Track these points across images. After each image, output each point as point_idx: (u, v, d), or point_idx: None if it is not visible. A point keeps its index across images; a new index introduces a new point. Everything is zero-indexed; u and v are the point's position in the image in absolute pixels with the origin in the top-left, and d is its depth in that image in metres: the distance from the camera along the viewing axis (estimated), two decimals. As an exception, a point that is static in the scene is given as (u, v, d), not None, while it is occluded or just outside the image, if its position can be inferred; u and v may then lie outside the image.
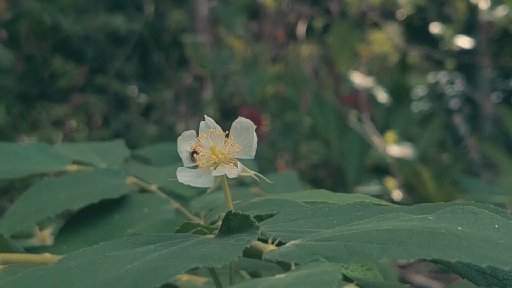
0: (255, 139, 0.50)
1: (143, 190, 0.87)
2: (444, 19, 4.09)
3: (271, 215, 0.58)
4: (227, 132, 0.52)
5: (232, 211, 0.51)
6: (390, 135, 3.19)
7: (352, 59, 3.65)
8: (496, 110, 3.74)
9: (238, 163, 0.51)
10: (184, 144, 0.52)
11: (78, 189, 0.80)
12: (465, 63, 4.14)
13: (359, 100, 3.42)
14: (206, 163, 0.51)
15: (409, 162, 3.21)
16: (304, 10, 3.61)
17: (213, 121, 0.53)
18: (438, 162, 4.00)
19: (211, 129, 0.52)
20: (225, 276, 0.75)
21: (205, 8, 3.74)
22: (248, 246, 0.47)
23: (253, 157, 0.50)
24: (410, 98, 4.06)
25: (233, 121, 0.53)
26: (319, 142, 3.50)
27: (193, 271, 0.66)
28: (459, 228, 0.44)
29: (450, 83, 4.73)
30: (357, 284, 0.44)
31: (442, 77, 4.75)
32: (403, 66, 4.43)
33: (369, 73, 3.82)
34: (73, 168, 0.86)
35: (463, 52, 3.80)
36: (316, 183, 3.44)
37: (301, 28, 3.64)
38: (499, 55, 4.30)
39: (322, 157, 3.52)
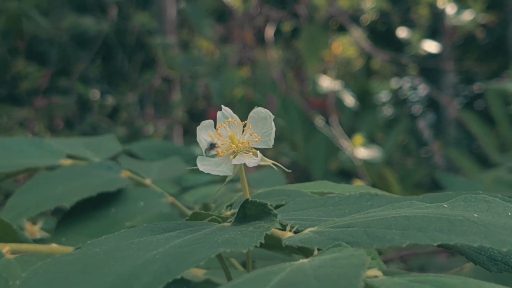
0: (274, 128, 0.51)
1: (137, 184, 0.88)
2: (408, 25, 4.14)
3: (280, 205, 0.59)
4: (245, 122, 0.53)
5: (249, 200, 0.53)
6: (358, 138, 3.22)
7: (320, 63, 3.67)
8: (459, 115, 3.81)
9: (258, 152, 0.52)
10: (203, 134, 0.53)
11: (74, 182, 0.80)
12: (429, 68, 4.20)
13: (326, 103, 3.45)
14: (226, 152, 0.52)
15: (375, 165, 3.24)
16: (272, 13, 3.63)
17: (230, 110, 0.54)
18: (402, 165, 4.05)
19: (229, 119, 0.53)
20: (219, 270, 0.76)
21: (173, 10, 3.74)
22: (268, 232, 0.48)
23: (271, 146, 0.51)
24: (375, 103, 4.11)
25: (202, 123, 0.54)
26: (287, 144, 3.53)
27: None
28: (475, 215, 0.46)
29: (413, 88, 4.80)
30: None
31: (405, 82, 4.81)
32: (368, 71, 4.48)
33: (336, 77, 3.85)
34: (67, 162, 0.87)
35: (428, 57, 3.86)
36: (283, 185, 3.44)
37: (269, 32, 3.66)
38: (462, 60, 4.37)
39: (290, 159, 3.54)
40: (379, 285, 0.38)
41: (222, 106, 0.54)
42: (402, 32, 3.69)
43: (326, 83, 3.54)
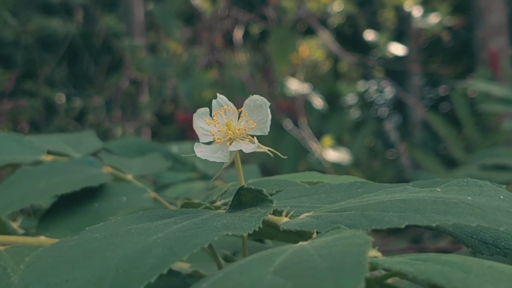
0: (270, 116, 0.52)
1: (118, 179, 0.88)
2: (374, 28, 4.18)
3: (271, 195, 0.59)
4: (241, 109, 0.54)
5: (245, 186, 0.53)
6: (327, 140, 3.24)
7: (288, 66, 3.69)
8: (425, 117, 3.85)
9: (255, 139, 0.52)
10: (199, 121, 0.53)
11: (57, 177, 0.80)
12: (395, 70, 4.24)
13: (295, 106, 3.46)
14: (222, 139, 0.53)
15: (343, 167, 3.27)
16: (241, 15, 3.64)
17: (225, 98, 0.54)
18: (370, 167, 4.09)
19: (225, 106, 0.54)
20: (204, 263, 0.76)
21: (141, 12, 3.73)
22: (265, 217, 0.48)
23: (267, 133, 0.52)
24: (342, 105, 4.14)
25: (171, 125, 0.55)
26: (256, 147, 3.53)
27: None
28: (469, 198, 0.47)
29: (380, 91, 4.85)
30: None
31: (371, 85, 4.86)
32: (335, 73, 4.52)
33: (304, 79, 3.87)
34: (48, 158, 0.86)
35: (394, 59, 3.90)
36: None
37: (238, 34, 3.67)
38: (428, 62, 4.43)
39: (259, 160, 3.55)
40: (382, 263, 0.39)
41: (217, 94, 0.55)
42: (369, 35, 3.72)
43: (295, 85, 3.56)
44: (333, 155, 3.25)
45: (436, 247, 1.28)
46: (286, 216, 0.51)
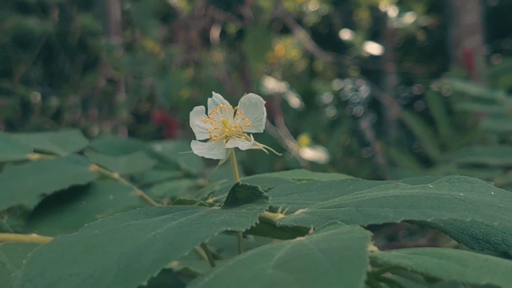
0: (265, 113, 0.53)
1: (104, 178, 0.88)
2: (349, 27, 4.21)
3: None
4: (236, 107, 0.54)
5: (240, 183, 0.54)
6: (304, 139, 3.26)
7: (265, 65, 3.70)
8: (401, 115, 3.88)
9: (251, 136, 0.53)
10: (196, 119, 0.54)
11: (45, 176, 0.80)
12: (370, 69, 4.27)
13: (271, 104, 3.47)
14: (219, 136, 0.53)
15: (320, 165, 3.28)
16: (217, 14, 3.64)
17: (220, 96, 0.55)
18: (345, 165, 4.11)
19: (220, 105, 0.54)
20: (191, 261, 0.77)
21: (118, 10, 3.72)
22: (262, 213, 0.49)
23: (262, 131, 0.53)
24: (318, 104, 4.16)
25: (147, 124, 0.56)
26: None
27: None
28: (461, 194, 0.48)
29: (355, 90, 4.88)
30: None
31: (347, 84, 4.89)
32: (311, 72, 4.53)
33: (280, 78, 3.88)
34: (35, 156, 0.86)
35: (370, 58, 3.93)
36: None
37: (214, 33, 3.67)
38: (402, 62, 4.46)
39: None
40: (381, 257, 0.40)
41: (213, 92, 0.55)
42: (345, 34, 3.74)
43: (271, 84, 3.56)
44: (310, 153, 3.26)
45: (415, 245, 1.29)
46: (281, 212, 0.52)
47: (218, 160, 0.55)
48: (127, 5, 3.76)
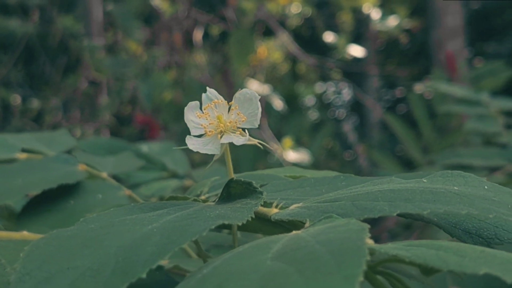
0: (260, 109, 0.53)
1: (92, 177, 0.87)
2: (332, 30, 4.22)
3: (257, 187, 0.60)
4: (231, 103, 0.54)
5: (234, 179, 0.54)
6: (287, 141, 3.26)
7: (248, 67, 3.70)
8: (383, 118, 3.90)
9: (246, 131, 0.53)
10: (190, 114, 0.54)
11: (33, 175, 0.80)
12: (352, 72, 4.28)
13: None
14: (213, 131, 0.53)
15: (303, 168, 3.28)
16: (200, 17, 3.64)
17: (215, 92, 0.55)
18: (328, 168, 4.11)
19: (215, 100, 0.54)
20: (180, 259, 0.77)
21: (100, 12, 3.70)
22: (257, 208, 0.49)
23: (257, 126, 0.53)
24: (301, 107, 4.17)
25: (129, 126, 0.56)
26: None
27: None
28: (455, 188, 0.48)
29: (337, 93, 4.89)
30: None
31: (329, 87, 4.90)
32: (293, 75, 4.54)
33: (264, 80, 3.89)
34: (22, 156, 0.86)
35: (352, 61, 3.94)
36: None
37: (197, 35, 3.67)
38: (385, 64, 4.48)
39: (218, 162, 3.54)
40: (379, 248, 0.40)
41: (207, 88, 0.55)
42: (328, 37, 3.75)
43: (254, 86, 3.57)
44: (293, 155, 3.27)
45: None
46: (276, 207, 0.52)
47: (210, 157, 0.55)
48: (109, 6, 3.75)
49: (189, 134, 0.55)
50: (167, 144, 1.29)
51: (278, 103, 3.59)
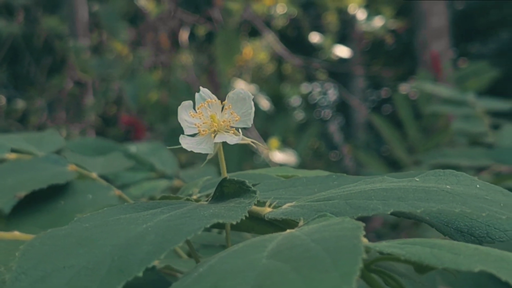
0: (253, 108, 0.53)
1: (81, 177, 0.87)
2: (318, 30, 4.23)
3: (250, 187, 0.60)
4: (224, 102, 0.55)
5: (227, 178, 0.54)
6: (274, 141, 3.26)
7: (234, 67, 3.70)
8: (369, 118, 3.91)
9: (240, 130, 0.53)
10: (184, 114, 0.54)
11: (23, 175, 0.79)
12: (338, 73, 4.29)
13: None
14: (207, 131, 0.54)
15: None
16: (186, 17, 3.64)
17: (208, 91, 0.55)
18: (314, 168, 4.12)
19: (208, 99, 0.55)
20: (170, 259, 0.77)
21: (85, 12, 3.69)
22: (250, 207, 0.49)
23: (250, 125, 0.53)
24: (287, 107, 4.18)
25: (115, 127, 0.56)
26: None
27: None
28: (447, 187, 0.49)
29: (323, 93, 4.90)
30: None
31: (315, 87, 4.91)
32: (279, 75, 4.55)
33: (250, 81, 3.89)
34: (12, 156, 0.86)
35: (338, 62, 3.95)
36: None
37: (183, 35, 3.66)
38: (370, 65, 4.49)
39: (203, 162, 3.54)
40: (373, 246, 0.40)
41: (200, 87, 0.55)
42: (314, 37, 3.76)
43: (241, 87, 3.57)
44: (280, 156, 3.27)
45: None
46: (269, 206, 0.52)
47: (198, 157, 0.55)
48: (94, 7, 3.73)
49: (176, 135, 0.55)
50: (155, 145, 1.29)
51: (264, 104, 3.59)
